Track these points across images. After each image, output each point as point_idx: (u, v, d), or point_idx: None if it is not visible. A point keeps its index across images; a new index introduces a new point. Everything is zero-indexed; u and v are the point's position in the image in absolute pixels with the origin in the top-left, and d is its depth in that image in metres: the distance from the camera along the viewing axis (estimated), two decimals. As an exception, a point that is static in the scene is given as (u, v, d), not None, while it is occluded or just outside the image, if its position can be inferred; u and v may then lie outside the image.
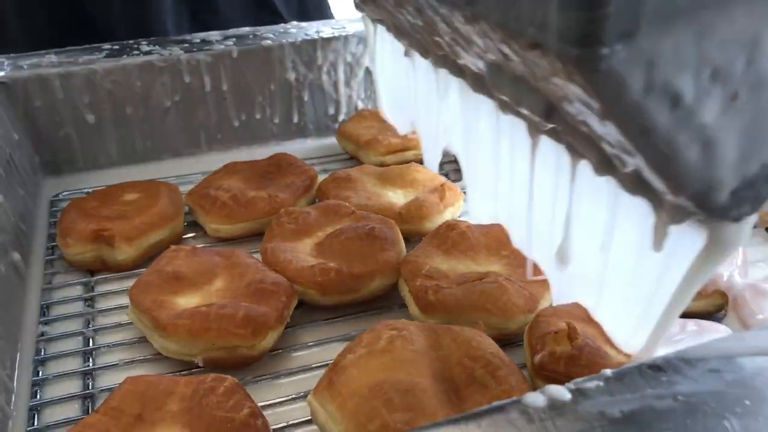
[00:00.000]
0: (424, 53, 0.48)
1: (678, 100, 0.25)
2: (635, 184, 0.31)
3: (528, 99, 0.34)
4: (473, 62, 0.38)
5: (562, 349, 0.43)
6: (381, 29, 0.60)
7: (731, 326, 0.47)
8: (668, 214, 0.30)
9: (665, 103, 0.25)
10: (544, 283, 0.49)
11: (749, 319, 0.47)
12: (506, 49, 0.30)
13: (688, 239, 0.31)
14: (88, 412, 0.44)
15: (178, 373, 0.47)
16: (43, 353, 0.49)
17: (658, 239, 0.32)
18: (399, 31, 0.52)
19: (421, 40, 0.47)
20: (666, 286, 0.33)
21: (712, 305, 0.50)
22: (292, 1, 0.94)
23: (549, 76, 0.28)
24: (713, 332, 0.43)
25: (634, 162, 0.29)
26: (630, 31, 0.23)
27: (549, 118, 0.33)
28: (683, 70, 0.25)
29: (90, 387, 0.47)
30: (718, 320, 0.48)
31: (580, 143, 0.33)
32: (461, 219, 0.60)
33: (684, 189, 0.28)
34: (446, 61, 0.44)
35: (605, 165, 0.32)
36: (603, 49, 0.23)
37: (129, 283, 0.52)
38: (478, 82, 0.41)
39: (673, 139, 0.26)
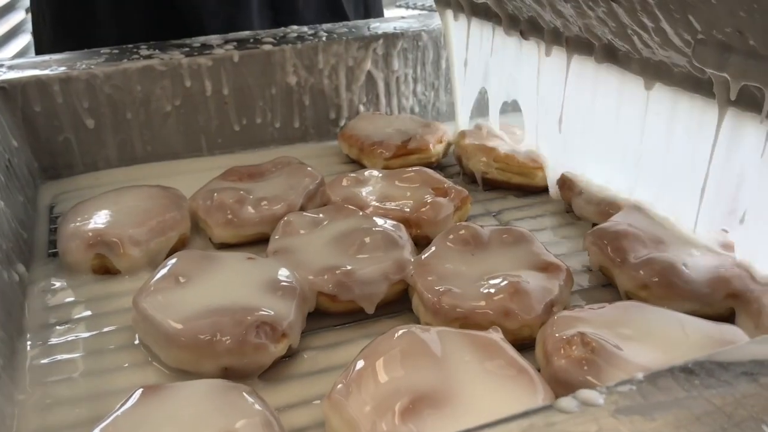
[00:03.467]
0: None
1: None
2: None
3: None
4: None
5: (578, 354, 0.42)
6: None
7: (743, 327, 0.47)
8: None
9: None
10: (559, 285, 0.49)
11: (765, 320, 0.46)
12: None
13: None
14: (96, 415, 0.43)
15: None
16: (45, 359, 0.48)
17: None
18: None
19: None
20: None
21: (725, 308, 0.49)
22: (359, 8, 0.95)
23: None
24: (732, 334, 0.43)
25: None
26: None
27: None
28: None
29: (95, 391, 0.46)
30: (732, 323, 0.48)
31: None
32: (470, 222, 0.59)
33: None
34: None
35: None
36: None
37: (133, 289, 0.50)
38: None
39: None
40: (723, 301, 0.49)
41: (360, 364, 0.41)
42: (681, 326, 0.44)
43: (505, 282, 0.48)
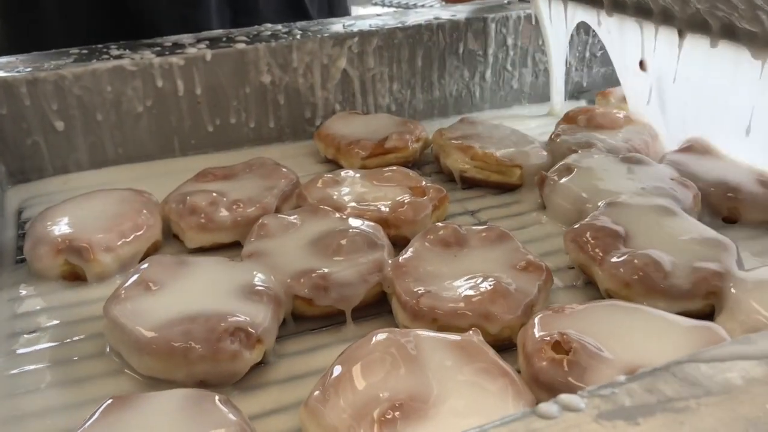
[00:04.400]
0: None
1: None
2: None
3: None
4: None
5: (559, 355, 0.41)
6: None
7: (722, 324, 0.46)
8: None
9: None
10: (539, 285, 0.48)
11: (744, 317, 0.46)
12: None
13: None
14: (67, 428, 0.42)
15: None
16: (13, 370, 0.47)
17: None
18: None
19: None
20: None
21: (706, 305, 0.49)
22: (323, 8, 0.94)
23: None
24: (713, 332, 0.42)
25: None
26: None
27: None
28: None
29: (65, 402, 0.44)
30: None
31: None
32: (448, 221, 0.58)
33: None
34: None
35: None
36: None
37: (104, 296, 0.49)
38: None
39: None
40: (703, 298, 0.48)
41: (337, 369, 0.40)
42: (662, 325, 0.44)
43: (484, 283, 0.47)
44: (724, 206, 0.60)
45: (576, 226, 0.55)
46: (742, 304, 0.47)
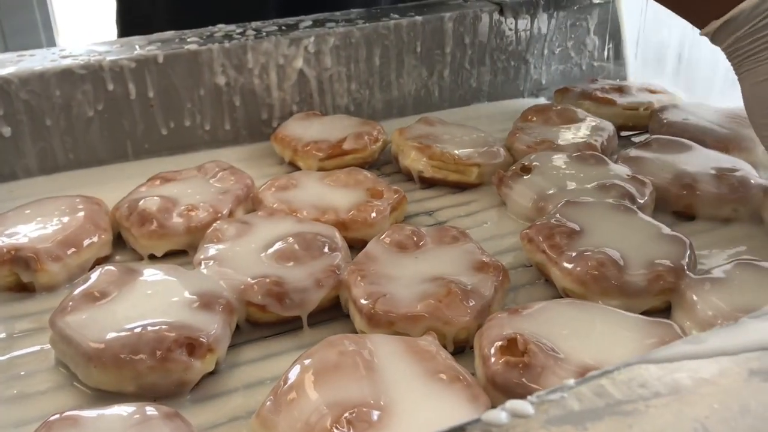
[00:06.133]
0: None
1: None
2: None
3: None
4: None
5: (514, 357, 0.41)
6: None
7: (678, 321, 0.47)
8: None
9: None
10: (495, 285, 0.48)
11: (699, 314, 0.46)
12: None
13: None
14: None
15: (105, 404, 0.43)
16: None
17: None
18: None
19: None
20: None
21: (662, 301, 0.49)
22: None
23: None
24: (667, 331, 0.42)
25: None
26: None
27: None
28: None
29: (12, 420, 0.43)
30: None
31: None
32: (406, 222, 0.58)
33: None
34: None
35: None
36: None
37: (52, 307, 0.47)
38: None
39: None
40: (659, 295, 0.49)
41: (290, 377, 0.39)
42: (619, 323, 0.44)
43: (440, 285, 0.47)
44: (680, 203, 0.61)
45: (532, 225, 0.55)
46: (696, 301, 0.47)
